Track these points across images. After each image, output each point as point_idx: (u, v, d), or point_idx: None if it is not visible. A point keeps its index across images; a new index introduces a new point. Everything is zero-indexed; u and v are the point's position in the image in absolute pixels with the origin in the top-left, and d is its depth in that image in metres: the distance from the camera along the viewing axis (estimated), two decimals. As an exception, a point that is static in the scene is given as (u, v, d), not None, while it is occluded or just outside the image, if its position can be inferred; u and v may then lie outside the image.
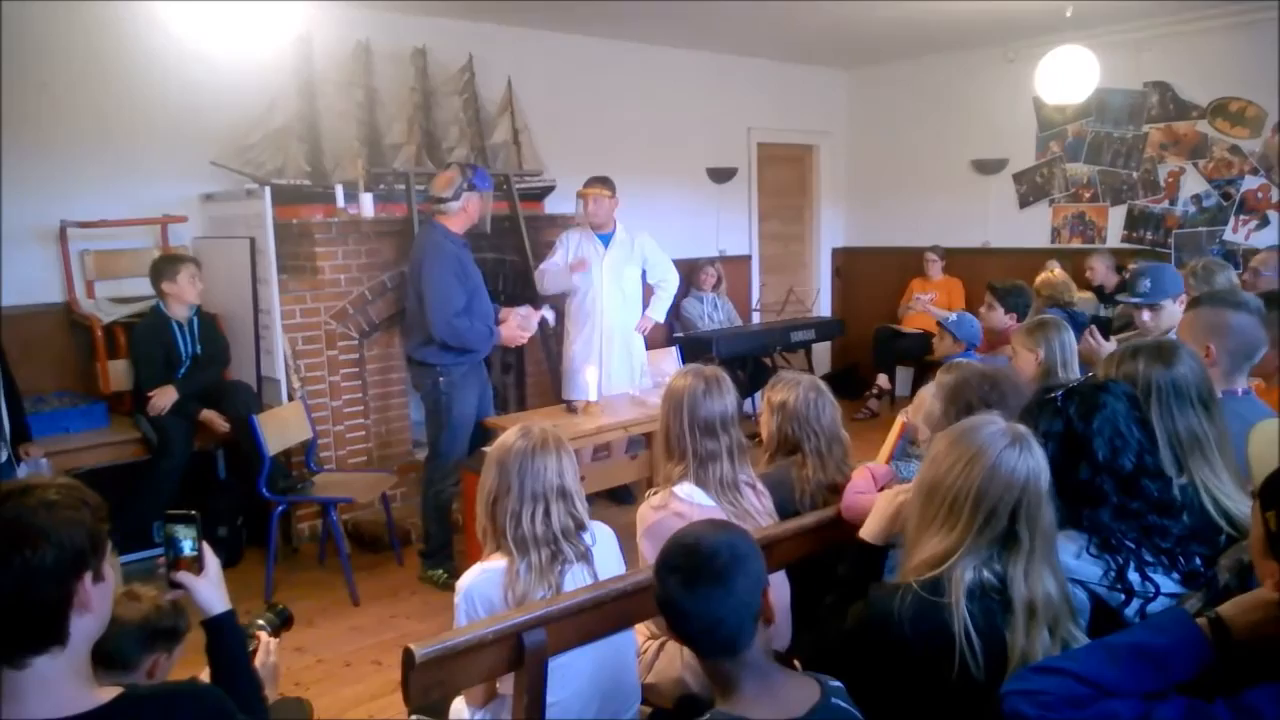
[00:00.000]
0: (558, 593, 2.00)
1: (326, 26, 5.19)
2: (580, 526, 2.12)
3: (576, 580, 2.07)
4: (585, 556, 2.09)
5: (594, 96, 6.62)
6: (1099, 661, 1.38)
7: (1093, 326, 3.97)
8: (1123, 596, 1.77)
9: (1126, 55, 6.55)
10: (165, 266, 4.39)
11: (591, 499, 4.68)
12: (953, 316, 4.47)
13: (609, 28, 6.34)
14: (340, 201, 5.01)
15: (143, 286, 4.52)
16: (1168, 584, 1.79)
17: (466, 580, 2.05)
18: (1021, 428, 1.70)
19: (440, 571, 4.31)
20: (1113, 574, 1.78)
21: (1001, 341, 4.58)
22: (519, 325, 4.48)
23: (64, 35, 4.49)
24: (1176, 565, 1.82)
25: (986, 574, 1.61)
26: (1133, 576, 1.78)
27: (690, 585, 1.46)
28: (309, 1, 5.08)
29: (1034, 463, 1.63)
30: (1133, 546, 1.80)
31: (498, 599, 1.99)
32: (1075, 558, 1.80)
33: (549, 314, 4.69)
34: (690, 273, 7.22)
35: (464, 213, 4.26)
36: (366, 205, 5.02)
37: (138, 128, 4.70)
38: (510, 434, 2.14)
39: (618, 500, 5.24)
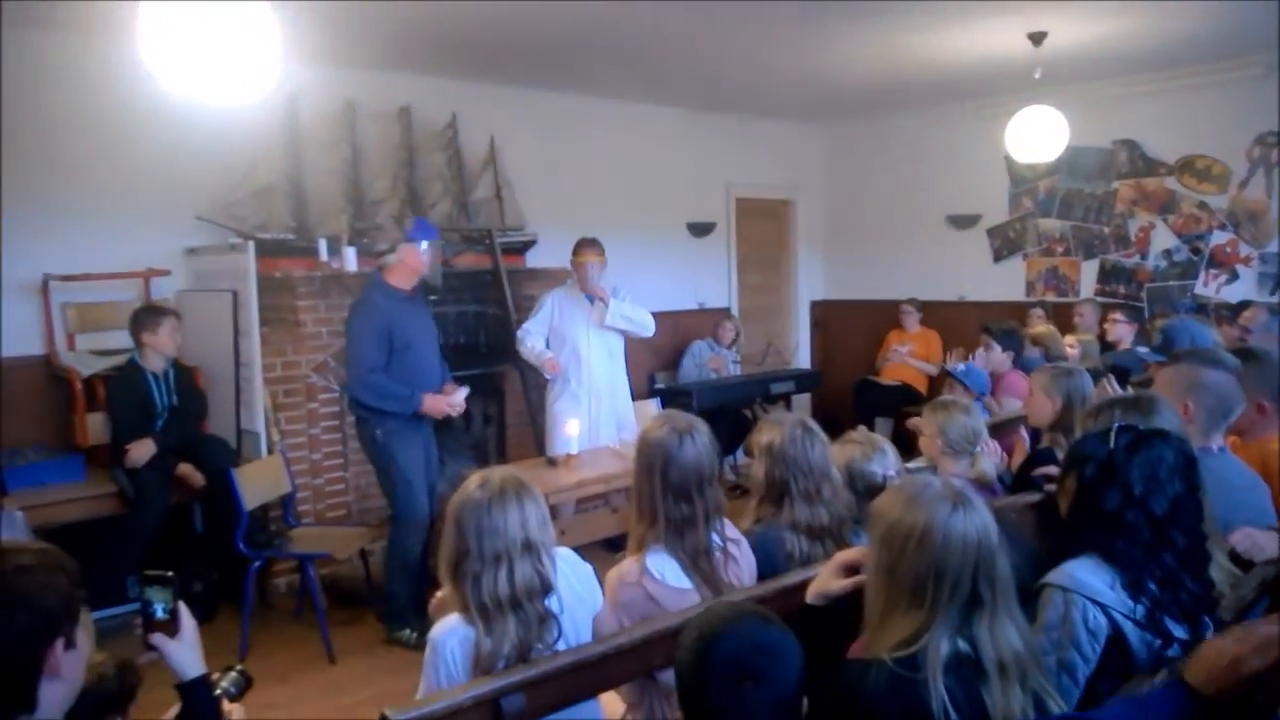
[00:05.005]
0: (523, 658, 1.93)
1: (314, 86, 5.25)
2: (546, 587, 2.01)
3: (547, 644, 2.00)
4: (545, 620, 1.99)
5: (575, 152, 6.72)
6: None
7: (1110, 375, 4.04)
8: (1152, 638, 1.82)
9: (1095, 113, 6.71)
10: (147, 317, 4.39)
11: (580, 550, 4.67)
12: (961, 367, 4.56)
13: (589, 85, 6.45)
14: (323, 255, 5.04)
15: (124, 340, 4.51)
16: (1179, 631, 1.84)
17: (439, 632, 1.98)
18: (957, 484, 1.69)
19: (409, 631, 4.20)
20: (1144, 611, 1.83)
21: (1008, 380, 4.68)
22: (448, 401, 4.29)
23: (51, 89, 4.54)
24: (1192, 621, 1.86)
25: (961, 643, 1.57)
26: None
27: (762, 692, 1.42)
28: (297, 63, 5.15)
29: (980, 520, 1.60)
30: (1155, 590, 1.84)
31: (464, 658, 1.94)
32: (1110, 588, 1.84)
33: (463, 393, 4.43)
34: (676, 326, 7.29)
35: (404, 265, 4.18)
36: (349, 259, 5.06)
37: (123, 182, 4.73)
38: (469, 484, 2.05)
39: (614, 548, 5.09)
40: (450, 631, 1.98)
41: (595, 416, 5.12)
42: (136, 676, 1.77)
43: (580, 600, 2.19)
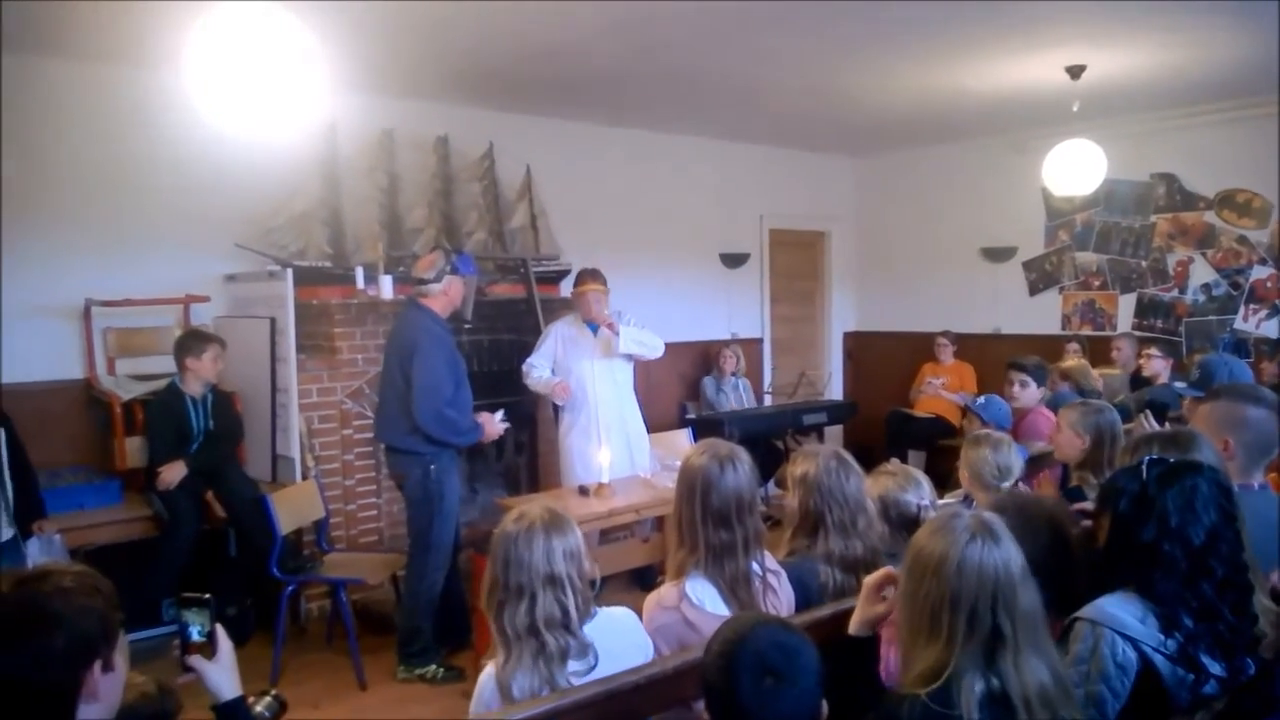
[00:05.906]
0: (552, 689, 1.92)
1: (352, 115, 5.33)
2: (568, 620, 2.00)
3: (567, 675, 1.98)
4: (564, 653, 1.98)
5: (610, 182, 6.76)
6: None
7: (1146, 411, 3.96)
8: (1185, 674, 1.79)
9: (1133, 147, 6.65)
10: (193, 343, 4.45)
11: (609, 579, 4.65)
12: (980, 400, 4.44)
13: (624, 117, 6.51)
14: (360, 283, 5.09)
15: (163, 364, 4.58)
16: (1215, 668, 1.81)
17: (481, 679, 2.00)
18: (986, 517, 1.68)
19: (433, 667, 4.14)
20: (1175, 645, 1.80)
21: (1028, 420, 4.54)
22: (497, 425, 4.32)
23: (94, 119, 4.64)
24: (1230, 657, 1.82)
25: (994, 681, 1.56)
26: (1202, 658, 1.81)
27: (785, 689, 1.48)
28: (336, 92, 5.25)
29: (1000, 552, 1.60)
30: (1190, 625, 1.81)
31: (501, 704, 1.93)
32: (1140, 621, 1.82)
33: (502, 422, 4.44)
34: (706, 356, 7.28)
35: (445, 296, 4.18)
36: (385, 287, 5.11)
37: (164, 208, 4.81)
38: (508, 517, 2.08)
39: (642, 583, 5.08)
40: (489, 676, 2.01)
41: (608, 447, 5.07)
42: (177, 701, 1.78)
43: (623, 655, 2.10)
